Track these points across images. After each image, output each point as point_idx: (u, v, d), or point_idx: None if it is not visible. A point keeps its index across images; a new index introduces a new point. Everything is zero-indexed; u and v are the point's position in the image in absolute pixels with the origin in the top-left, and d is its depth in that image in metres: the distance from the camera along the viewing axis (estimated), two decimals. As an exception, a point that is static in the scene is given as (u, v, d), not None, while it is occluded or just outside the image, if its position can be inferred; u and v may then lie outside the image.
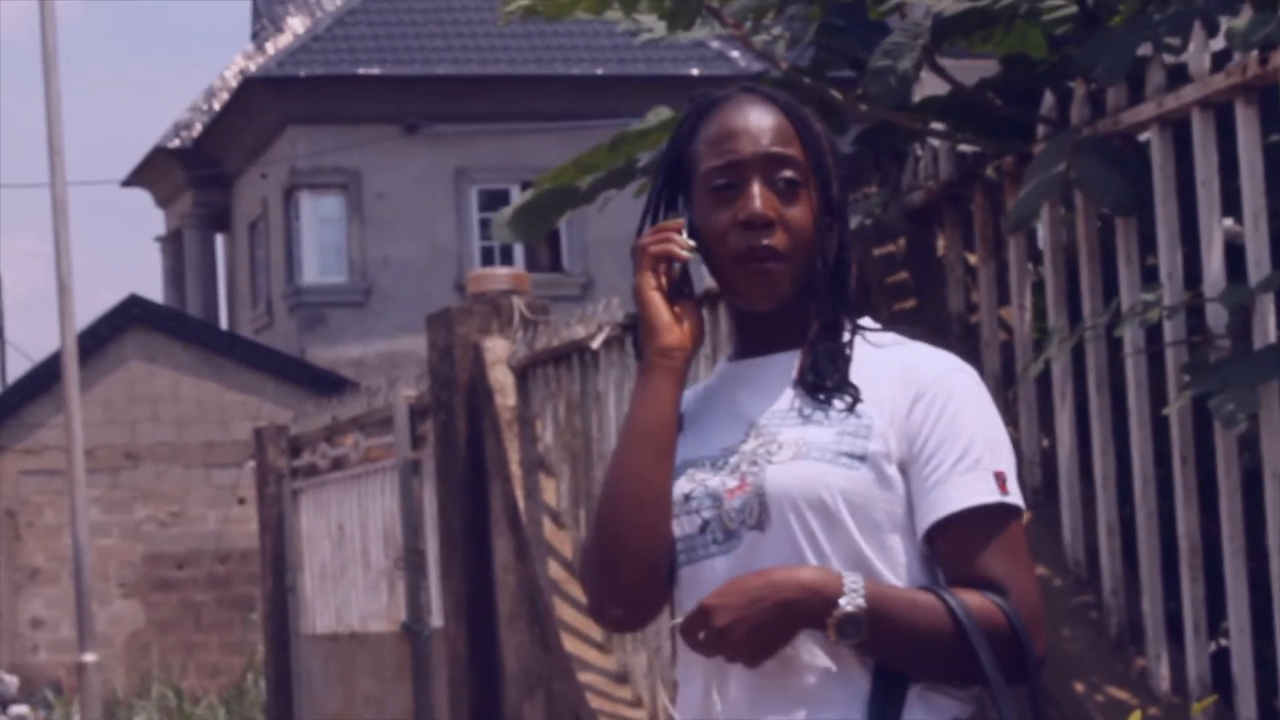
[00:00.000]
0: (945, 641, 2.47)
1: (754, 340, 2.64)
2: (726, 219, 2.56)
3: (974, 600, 2.48)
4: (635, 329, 2.64)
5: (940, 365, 2.57)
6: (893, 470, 2.52)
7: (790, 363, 2.60)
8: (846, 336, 2.60)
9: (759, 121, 2.58)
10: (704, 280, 2.72)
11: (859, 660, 2.50)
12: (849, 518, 2.50)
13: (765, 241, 2.54)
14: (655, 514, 2.55)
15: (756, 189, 2.55)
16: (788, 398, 2.58)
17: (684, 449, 2.61)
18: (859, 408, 2.54)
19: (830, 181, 2.59)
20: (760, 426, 2.57)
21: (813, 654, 2.49)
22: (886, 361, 2.58)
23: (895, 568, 2.52)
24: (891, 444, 2.53)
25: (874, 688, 2.49)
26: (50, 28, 16.57)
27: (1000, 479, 2.52)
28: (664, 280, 2.59)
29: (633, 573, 2.55)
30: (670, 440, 2.57)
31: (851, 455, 2.52)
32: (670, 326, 2.58)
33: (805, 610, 2.45)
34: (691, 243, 2.58)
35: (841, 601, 2.44)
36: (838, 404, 2.55)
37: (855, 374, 2.57)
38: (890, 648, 2.47)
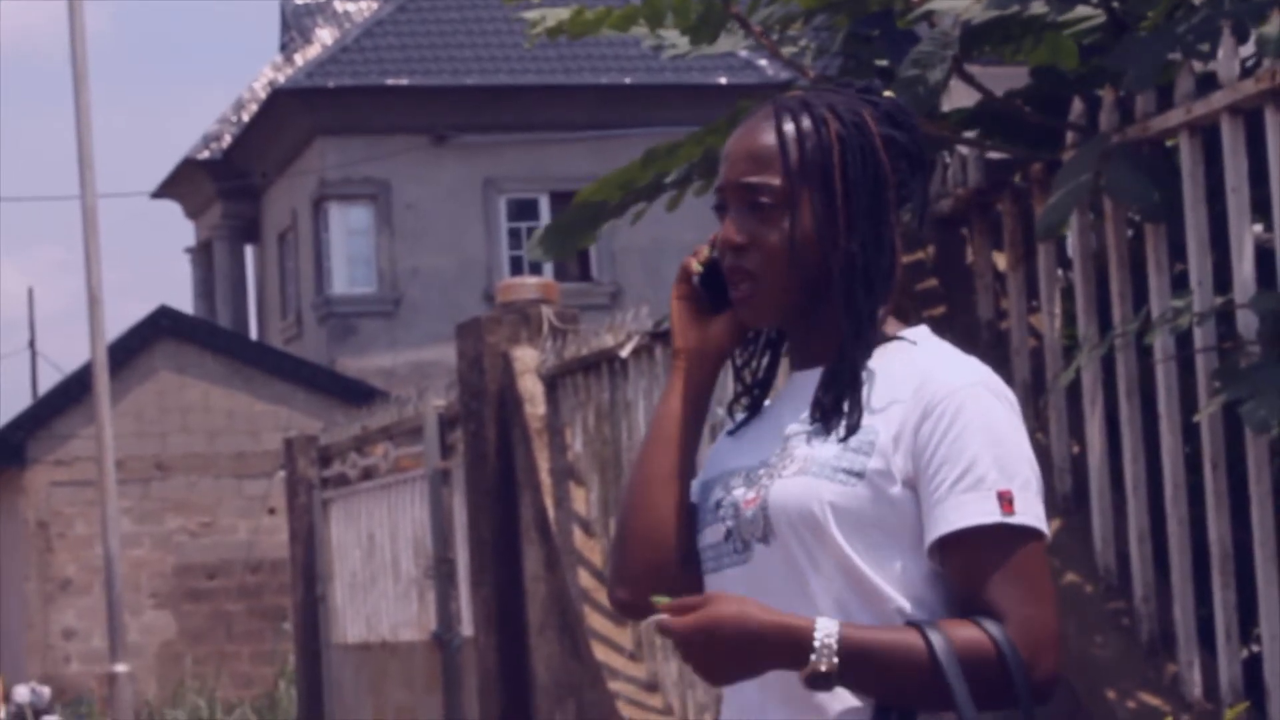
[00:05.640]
0: (923, 680, 2.44)
1: (798, 354, 2.67)
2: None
3: (961, 633, 2.44)
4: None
5: (956, 379, 2.53)
6: (896, 489, 2.50)
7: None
8: (887, 347, 2.59)
9: (744, 146, 2.62)
10: None
11: None
12: (838, 533, 2.49)
13: (733, 263, 2.60)
14: (657, 494, 2.61)
15: (732, 214, 2.61)
16: (809, 413, 2.60)
17: (729, 458, 2.66)
18: (866, 424, 2.53)
19: (834, 195, 2.58)
20: (787, 440, 2.60)
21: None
22: (908, 376, 2.56)
23: (894, 584, 2.50)
24: (896, 461, 2.51)
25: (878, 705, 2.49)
26: (80, 41, 16.63)
27: (1005, 499, 2.47)
28: (689, 289, 2.67)
29: (636, 552, 2.61)
30: (675, 430, 2.63)
31: (850, 472, 2.51)
32: (681, 332, 2.67)
33: (775, 665, 2.46)
34: (705, 254, 2.67)
35: (811, 658, 2.44)
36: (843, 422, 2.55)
37: (876, 388, 2.56)
38: (868, 689, 2.47)
